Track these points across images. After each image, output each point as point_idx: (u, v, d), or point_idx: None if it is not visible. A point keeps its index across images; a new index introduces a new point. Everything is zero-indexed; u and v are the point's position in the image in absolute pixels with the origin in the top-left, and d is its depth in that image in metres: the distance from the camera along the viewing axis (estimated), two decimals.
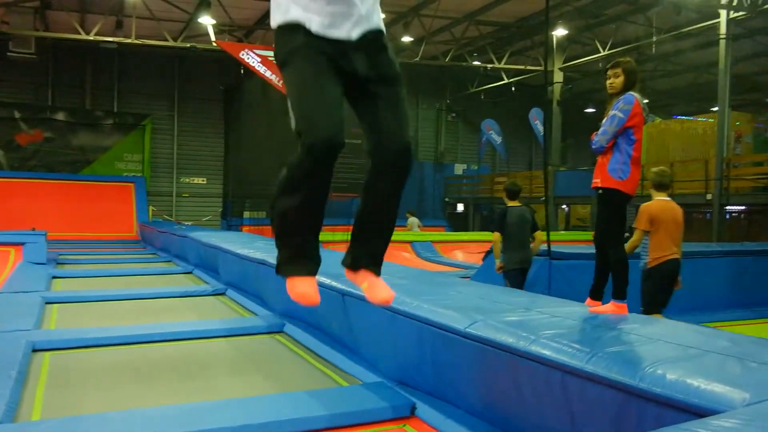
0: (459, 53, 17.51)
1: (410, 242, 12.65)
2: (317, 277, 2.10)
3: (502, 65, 17.99)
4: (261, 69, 12.05)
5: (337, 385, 3.56)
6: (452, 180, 22.05)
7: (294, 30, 1.91)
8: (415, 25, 15.33)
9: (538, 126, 17.73)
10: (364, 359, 3.79)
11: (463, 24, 15.83)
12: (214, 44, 13.86)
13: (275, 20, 1.99)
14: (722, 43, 11.83)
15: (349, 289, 3.98)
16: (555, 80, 17.05)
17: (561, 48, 17.15)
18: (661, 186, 4.93)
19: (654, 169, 5.07)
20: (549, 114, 16.46)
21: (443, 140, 22.44)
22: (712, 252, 7.08)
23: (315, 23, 1.90)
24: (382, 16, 2.08)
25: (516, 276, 5.69)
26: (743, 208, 14.24)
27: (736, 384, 1.84)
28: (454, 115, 22.30)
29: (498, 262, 5.84)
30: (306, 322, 4.71)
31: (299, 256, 2.06)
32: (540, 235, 5.92)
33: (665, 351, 2.25)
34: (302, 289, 2.04)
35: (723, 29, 11.80)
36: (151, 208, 17.72)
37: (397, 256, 10.92)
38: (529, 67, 17.97)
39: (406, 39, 15.66)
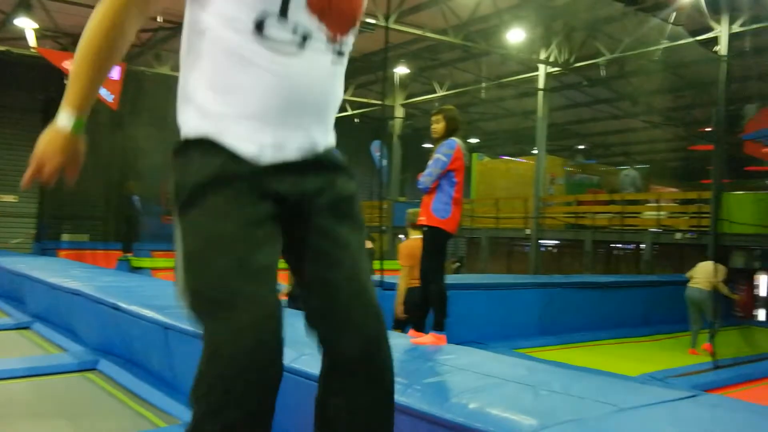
0: None
1: None
2: None
3: (347, 97, 18.46)
4: None
5: (154, 426, 3.33)
6: None
7: (213, 152, 1.22)
8: None
9: (379, 157, 18.37)
10: (185, 396, 3.59)
11: None
12: (33, 50, 12.60)
13: (186, 127, 1.29)
14: (540, 94, 13.21)
15: (172, 323, 3.77)
16: (396, 115, 17.84)
17: (403, 85, 18.02)
18: (415, 226, 5.46)
19: (410, 210, 5.61)
20: (389, 147, 17.14)
21: None
22: (526, 284, 7.77)
23: (250, 147, 1.22)
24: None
25: (298, 300, 5.85)
26: (557, 242, 15.85)
27: (527, 412, 2.02)
28: None
29: (285, 289, 6.08)
30: (123, 357, 4.38)
31: None
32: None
33: (471, 381, 2.41)
34: None
35: (541, 82, 13.19)
36: None
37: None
38: (372, 101, 18.64)
39: None
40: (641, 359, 6.64)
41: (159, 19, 12.33)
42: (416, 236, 5.43)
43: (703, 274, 7.34)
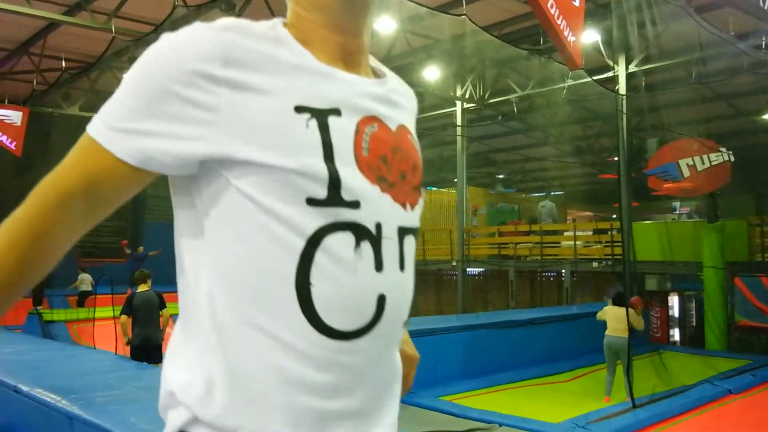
0: None
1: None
2: None
3: None
4: None
5: None
6: None
7: None
8: None
9: None
10: None
11: None
12: None
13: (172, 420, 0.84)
14: (458, 129, 13.59)
15: (78, 413, 3.54)
16: None
17: None
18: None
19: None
20: None
21: None
22: (451, 328, 7.83)
23: None
24: None
25: (141, 348, 6.60)
26: (482, 270, 16.20)
27: None
28: None
29: (125, 339, 6.83)
30: None
31: None
32: (165, 313, 6.87)
33: None
34: None
35: (459, 119, 13.55)
36: None
37: None
38: None
39: None
40: (563, 401, 6.79)
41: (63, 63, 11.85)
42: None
43: (618, 320, 7.17)
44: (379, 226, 0.85)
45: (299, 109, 0.81)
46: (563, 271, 12.80)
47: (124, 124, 0.79)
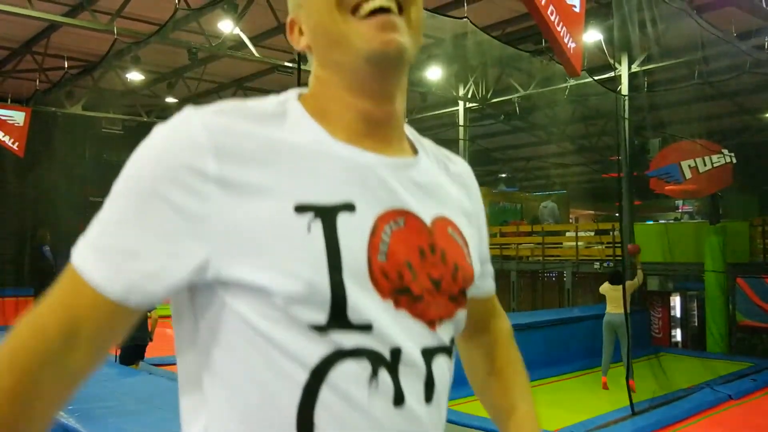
0: None
1: None
2: None
3: None
4: None
5: None
6: None
7: None
8: (180, 86, 14.89)
9: None
10: None
11: (231, 88, 15.82)
12: None
13: None
14: (460, 129, 13.55)
15: (74, 426, 3.56)
16: None
17: None
18: None
19: None
20: None
21: None
22: None
23: None
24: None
25: (129, 350, 6.59)
26: None
27: None
28: None
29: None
30: None
31: None
32: (154, 315, 6.73)
33: None
34: None
35: (461, 118, 13.52)
36: None
37: None
38: None
39: (171, 100, 15.12)
40: (562, 404, 6.79)
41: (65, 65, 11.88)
42: None
43: (616, 299, 7.52)
44: (395, 353, 0.70)
45: (301, 209, 0.68)
46: (565, 272, 12.77)
47: (103, 241, 0.67)
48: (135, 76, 12.63)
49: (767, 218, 11.07)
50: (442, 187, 0.83)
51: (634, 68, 10.51)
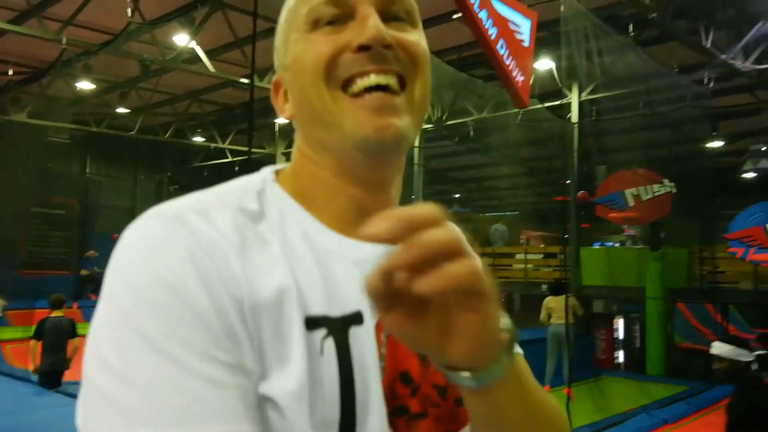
0: (181, 127, 17.19)
1: None
2: None
3: (225, 145, 18.10)
4: None
5: None
6: None
7: None
8: (132, 96, 14.60)
9: None
10: None
11: (185, 101, 15.62)
12: None
13: None
14: (416, 150, 13.71)
15: None
16: (278, 164, 17.64)
17: (284, 134, 17.95)
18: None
19: None
20: None
21: None
22: None
23: None
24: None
25: (47, 375, 6.45)
26: None
27: None
28: (176, 187, 21.58)
29: (32, 365, 6.61)
30: None
31: None
32: (75, 341, 6.62)
33: None
34: None
35: (416, 139, 13.66)
36: None
37: None
38: (254, 150, 18.37)
39: (122, 110, 14.80)
40: None
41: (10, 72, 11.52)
42: None
43: (560, 309, 7.72)
44: None
45: (312, 323, 0.56)
46: (513, 294, 13.00)
47: None
48: (85, 85, 12.32)
49: (704, 246, 11.54)
50: None
51: (585, 96, 10.87)
